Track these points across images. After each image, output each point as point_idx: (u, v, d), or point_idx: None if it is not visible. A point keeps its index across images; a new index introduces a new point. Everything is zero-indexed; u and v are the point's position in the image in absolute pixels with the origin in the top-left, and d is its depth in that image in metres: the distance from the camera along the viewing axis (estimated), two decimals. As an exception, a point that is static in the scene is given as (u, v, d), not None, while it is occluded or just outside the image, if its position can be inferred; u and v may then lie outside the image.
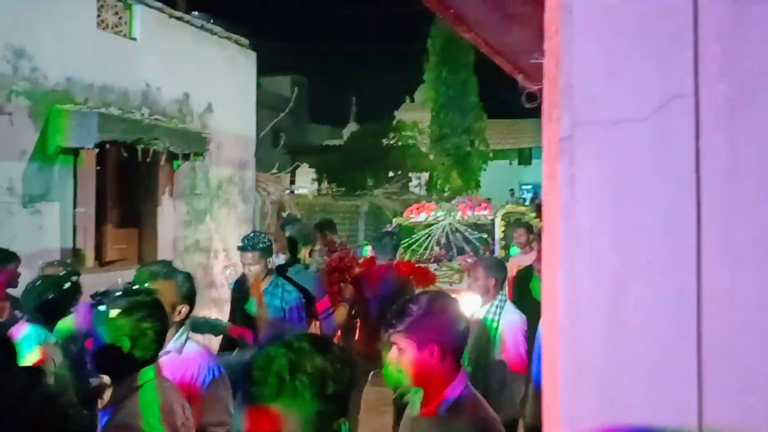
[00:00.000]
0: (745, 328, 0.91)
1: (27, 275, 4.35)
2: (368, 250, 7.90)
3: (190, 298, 2.77)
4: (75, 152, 6.09)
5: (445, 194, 20.65)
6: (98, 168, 6.40)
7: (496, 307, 3.91)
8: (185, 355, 2.62)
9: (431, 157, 24.12)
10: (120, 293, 2.15)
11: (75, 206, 6.20)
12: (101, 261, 6.56)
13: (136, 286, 2.35)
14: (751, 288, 0.91)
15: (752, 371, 0.92)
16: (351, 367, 1.23)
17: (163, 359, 2.34)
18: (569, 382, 0.99)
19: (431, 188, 23.82)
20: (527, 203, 21.11)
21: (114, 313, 2.07)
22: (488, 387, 3.69)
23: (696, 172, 0.91)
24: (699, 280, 0.91)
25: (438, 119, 24.11)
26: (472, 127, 23.81)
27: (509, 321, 3.85)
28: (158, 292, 2.50)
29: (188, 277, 2.85)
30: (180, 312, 2.69)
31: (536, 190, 29.85)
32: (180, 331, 2.67)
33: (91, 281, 5.34)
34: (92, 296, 2.16)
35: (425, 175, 25.23)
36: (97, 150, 6.08)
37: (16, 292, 4.18)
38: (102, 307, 2.08)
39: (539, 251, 3.48)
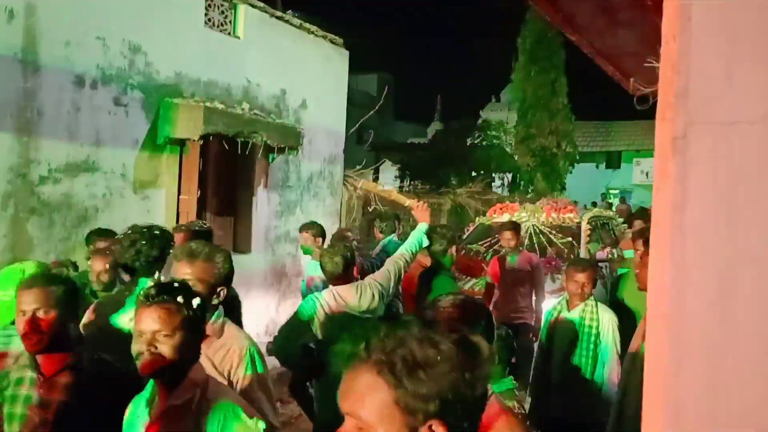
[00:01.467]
0: None
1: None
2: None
3: (229, 279, 2.61)
4: (181, 143, 6.50)
5: (529, 196, 20.36)
6: (201, 158, 6.79)
7: (591, 307, 3.94)
8: (225, 339, 2.48)
9: (516, 157, 23.84)
10: (176, 285, 1.99)
11: (179, 193, 6.61)
12: (200, 246, 6.95)
13: (169, 279, 2.14)
14: None
15: None
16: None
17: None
18: (673, 368, 1.06)
19: (515, 189, 23.56)
20: (614, 208, 20.51)
21: (196, 302, 1.96)
22: (578, 394, 3.74)
23: (808, 172, 0.96)
24: (807, 275, 0.96)
25: (525, 119, 23.78)
26: (559, 128, 23.34)
27: (607, 320, 3.89)
28: (197, 272, 2.44)
29: (228, 257, 2.63)
30: (219, 295, 2.55)
31: (624, 194, 28.95)
32: (216, 313, 2.50)
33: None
34: (146, 295, 1.94)
35: (509, 176, 24.98)
36: (202, 141, 6.46)
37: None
38: (181, 299, 1.93)
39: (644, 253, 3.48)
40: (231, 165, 7.34)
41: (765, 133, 0.99)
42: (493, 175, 23.98)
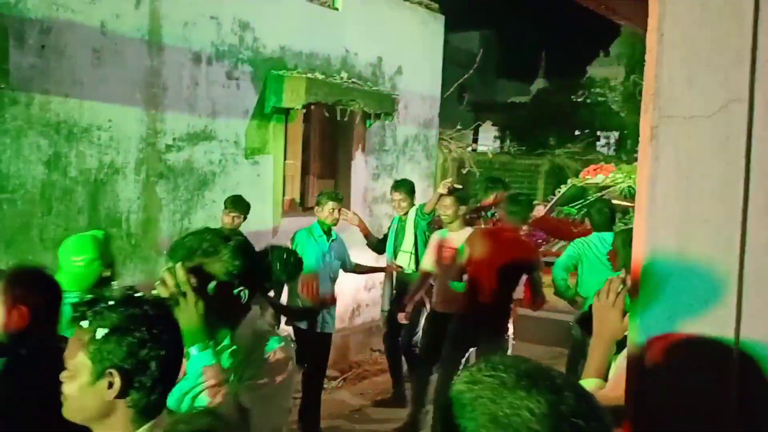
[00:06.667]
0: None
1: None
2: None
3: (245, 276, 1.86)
4: (287, 112, 7.07)
5: (635, 155, 19.69)
6: (304, 125, 7.35)
7: None
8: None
9: (622, 115, 23.04)
10: (113, 303, 1.46)
11: (285, 158, 7.22)
12: (304, 207, 7.59)
13: (139, 293, 1.55)
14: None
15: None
16: None
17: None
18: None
19: (621, 149, 22.84)
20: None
21: (101, 333, 1.41)
22: None
23: (746, 156, 1.24)
24: (744, 233, 1.26)
25: (632, 76, 22.86)
26: (669, 84, 22.23)
27: None
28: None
29: (240, 250, 1.85)
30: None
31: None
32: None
33: (298, 223, 6.37)
34: (74, 306, 1.50)
35: (615, 135, 24.20)
36: (305, 110, 7.00)
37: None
38: (85, 323, 1.44)
39: None
40: (331, 131, 7.86)
41: (714, 126, 1.27)
42: (598, 134, 23.32)
